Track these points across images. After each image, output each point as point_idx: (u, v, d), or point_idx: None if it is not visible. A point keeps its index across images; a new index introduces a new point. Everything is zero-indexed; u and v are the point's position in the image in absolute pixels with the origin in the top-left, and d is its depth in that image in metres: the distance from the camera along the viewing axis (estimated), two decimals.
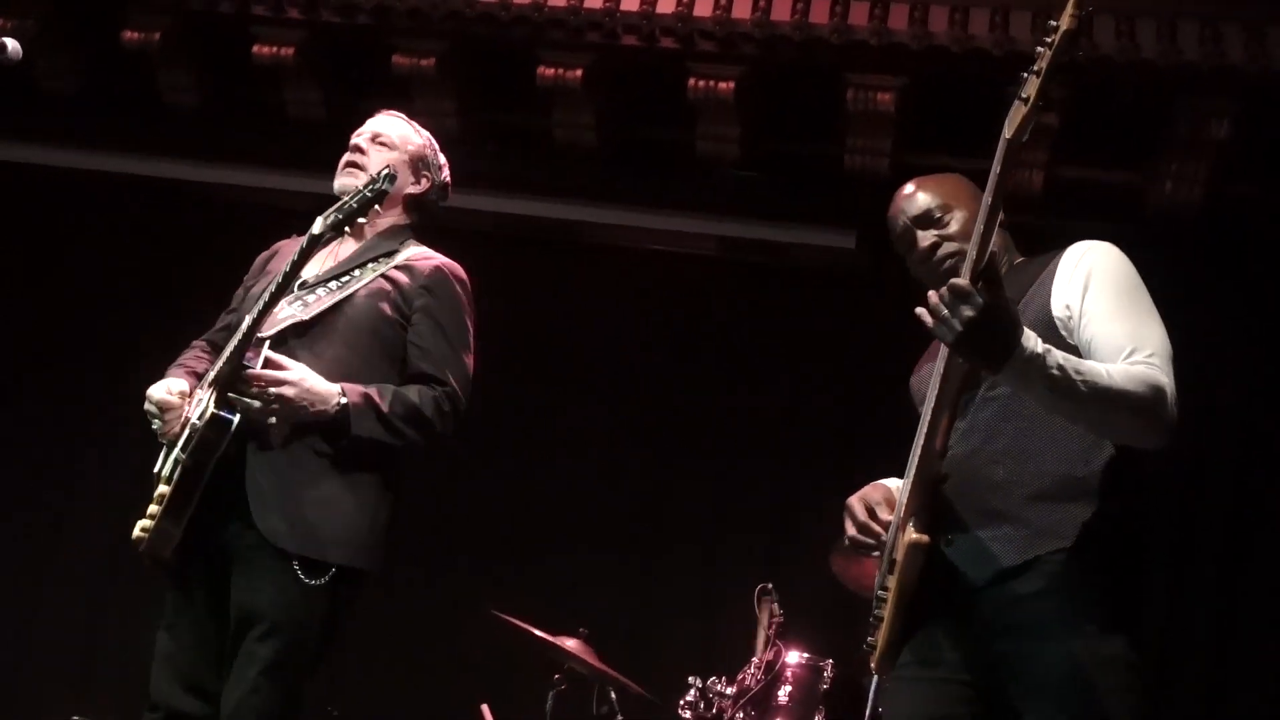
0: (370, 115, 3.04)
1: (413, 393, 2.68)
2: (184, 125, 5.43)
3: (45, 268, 5.52)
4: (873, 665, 2.24)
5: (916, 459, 2.13)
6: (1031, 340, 1.95)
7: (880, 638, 2.17)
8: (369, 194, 2.62)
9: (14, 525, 5.24)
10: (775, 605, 3.58)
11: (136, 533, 2.66)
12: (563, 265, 5.44)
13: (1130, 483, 2.11)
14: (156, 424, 2.73)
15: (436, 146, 2.99)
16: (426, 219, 2.96)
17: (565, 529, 5.06)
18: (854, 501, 2.29)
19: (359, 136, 2.94)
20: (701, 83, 4.93)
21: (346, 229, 2.65)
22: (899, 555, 2.10)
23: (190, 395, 2.73)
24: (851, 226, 5.19)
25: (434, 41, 5.05)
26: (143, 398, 2.76)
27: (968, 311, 1.90)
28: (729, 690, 3.54)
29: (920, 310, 1.96)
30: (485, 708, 3.99)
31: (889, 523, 2.20)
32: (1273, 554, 4.82)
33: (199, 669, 2.65)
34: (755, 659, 3.55)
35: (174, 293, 5.07)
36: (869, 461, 4.95)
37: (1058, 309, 2.15)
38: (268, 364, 2.58)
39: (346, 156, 2.89)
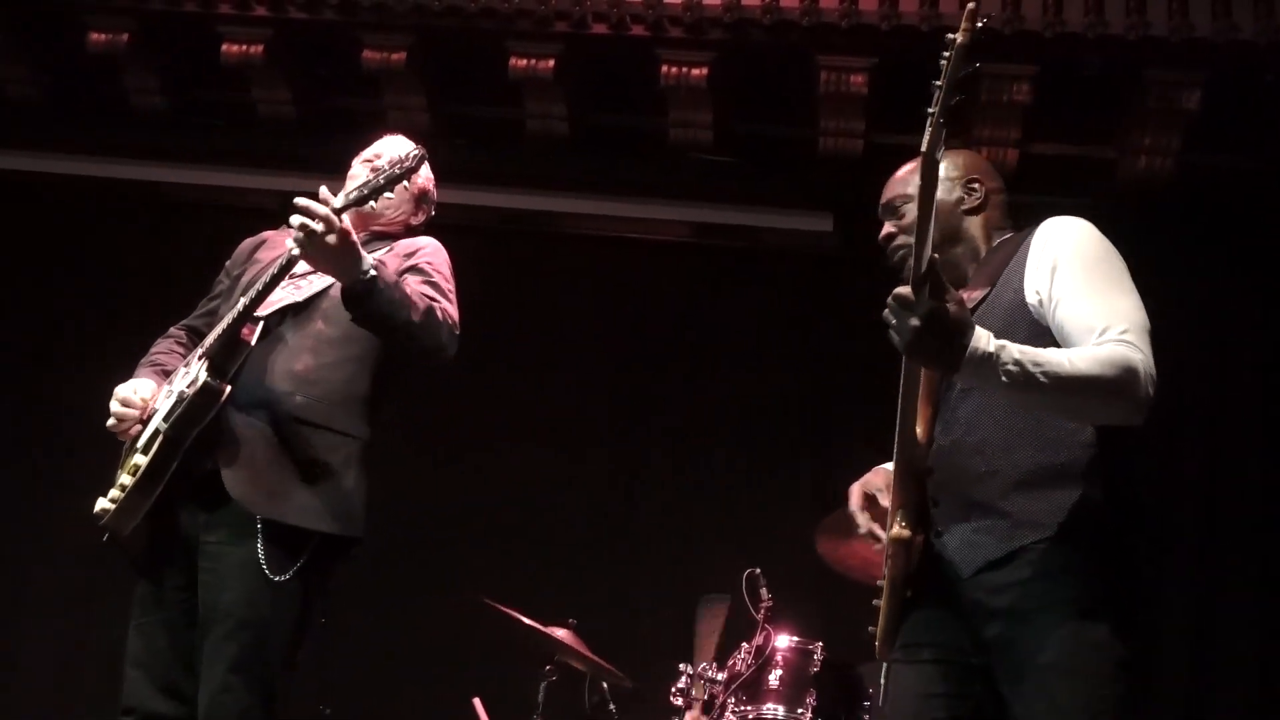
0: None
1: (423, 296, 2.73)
2: (153, 128, 5.39)
3: (18, 274, 5.47)
4: (876, 650, 2.25)
5: (897, 452, 2.11)
6: (984, 340, 1.93)
7: (879, 625, 2.19)
8: (397, 171, 2.68)
9: None
10: (764, 589, 3.59)
11: (103, 504, 2.66)
12: (538, 256, 5.43)
13: (1113, 467, 2.08)
14: (112, 422, 2.75)
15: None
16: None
17: (548, 519, 5.06)
18: (853, 490, 2.27)
19: (377, 160, 2.96)
20: (673, 69, 4.92)
21: (371, 203, 2.69)
22: (886, 549, 2.11)
23: (154, 400, 2.75)
24: (827, 208, 5.20)
25: (401, 36, 5.02)
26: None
27: (913, 320, 1.90)
28: (720, 676, 3.55)
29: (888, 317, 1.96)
30: (478, 701, 3.99)
31: (886, 511, 2.18)
32: (1246, 534, 4.85)
33: (173, 669, 2.64)
34: (745, 644, 3.56)
35: (148, 293, 5.04)
36: (847, 443, 5.04)
37: (1030, 295, 2.13)
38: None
39: (365, 174, 2.89)
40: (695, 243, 5.44)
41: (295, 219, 2.57)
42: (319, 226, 2.53)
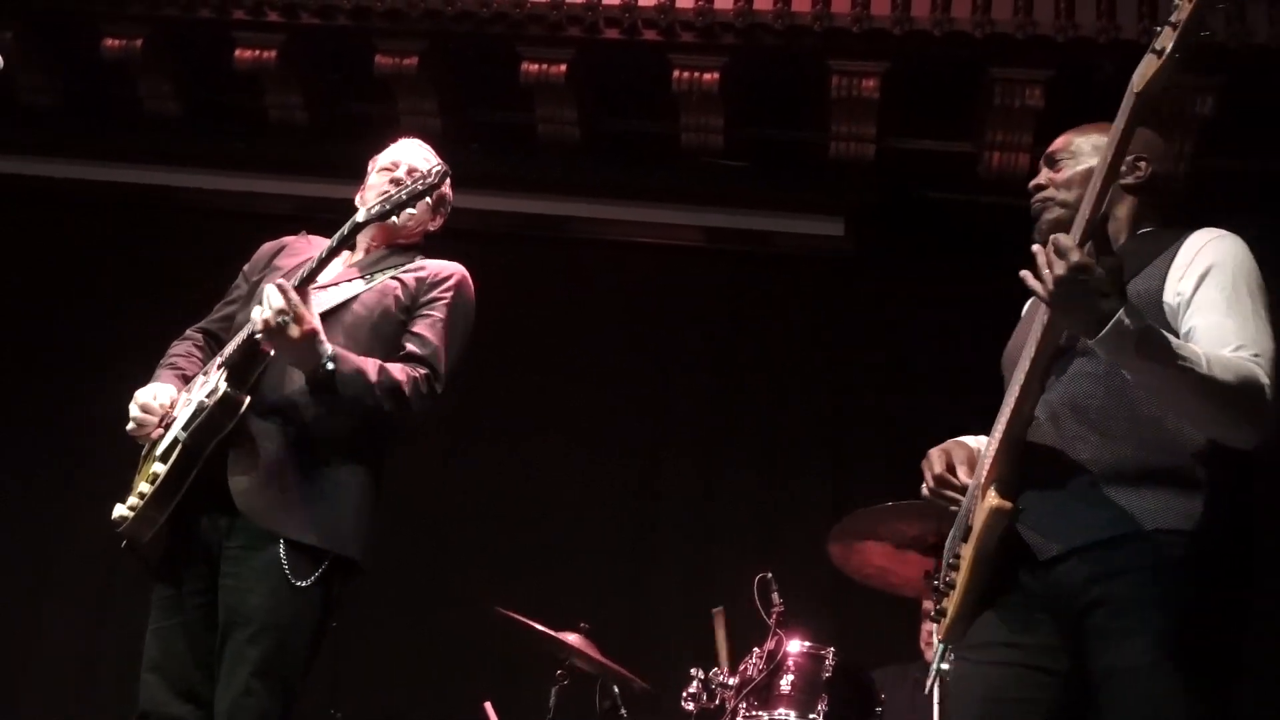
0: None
1: (397, 370, 2.72)
2: (166, 133, 5.41)
3: (31, 278, 5.49)
4: (939, 634, 2.19)
5: (1004, 424, 2.08)
6: (1132, 314, 1.91)
7: (952, 606, 2.12)
8: (420, 187, 2.71)
9: (10, 535, 5.21)
10: (776, 594, 3.57)
11: (121, 511, 2.67)
12: (550, 260, 5.43)
13: (1225, 477, 2.01)
14: (132, 426, 2.77)
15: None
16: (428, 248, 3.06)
17: (559, 522, 5.05)
18: (934, 453, 2.23)
19: (395, 170, 2.97)
20: (685, 74, 4.93)
21: (394, 218, 2.74)
22: (978, 520, 2.05)
23: (174, 406, 2.76)
24: (839, 213, 5.20)
25: (414, 41, 5.04)
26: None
27: (1060, 270, 1.89)
28: (731, 681, 3.54)
29: (1024, 272, 1.94)
30: (488, 705, 3.99)
31: (965, 485, 2.15)
32: None
33: (190, 673, 2.64)
34: (757, 649, 3.55)
35: (161, 298, 5.05)
36: (860, 446, 5.01)
37: (1169, 294, 2.09)
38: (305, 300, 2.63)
39: (384, 184, 2.93)
40: (707, 247, 5.44)
41: (262, 307, 2.58)
42: (285, 318, 2.55)
